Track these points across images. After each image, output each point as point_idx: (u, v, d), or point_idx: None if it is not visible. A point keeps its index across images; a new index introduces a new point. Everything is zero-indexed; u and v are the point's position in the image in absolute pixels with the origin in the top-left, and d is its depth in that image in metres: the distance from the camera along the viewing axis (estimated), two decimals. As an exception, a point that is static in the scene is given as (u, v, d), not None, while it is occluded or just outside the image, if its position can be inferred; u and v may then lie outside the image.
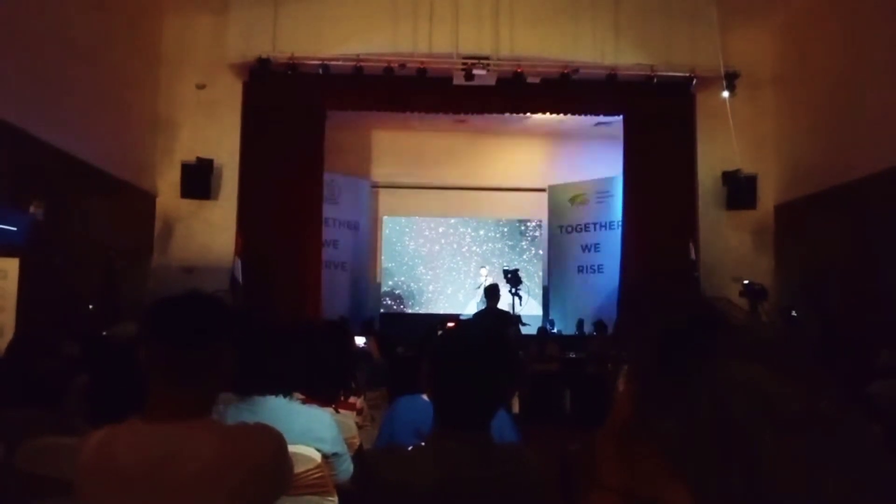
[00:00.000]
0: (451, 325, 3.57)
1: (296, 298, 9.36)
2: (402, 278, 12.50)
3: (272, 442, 1.53)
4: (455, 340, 1.66)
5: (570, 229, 12.30)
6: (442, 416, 1.53)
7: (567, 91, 9.44)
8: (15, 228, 5.93)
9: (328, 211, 10.62)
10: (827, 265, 8.07)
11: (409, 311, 12.31)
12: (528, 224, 12.76)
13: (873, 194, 7.27)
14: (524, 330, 8.59)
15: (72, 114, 7.15)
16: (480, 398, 1.52)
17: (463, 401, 1.51)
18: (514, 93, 9.42)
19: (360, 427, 2.89)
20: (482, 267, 12.30)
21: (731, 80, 9.06)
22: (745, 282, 8.73)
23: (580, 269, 12.04)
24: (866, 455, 0.51)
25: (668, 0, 9.25)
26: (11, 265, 5.98)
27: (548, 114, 10.12)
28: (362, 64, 8.95)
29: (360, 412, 3.24)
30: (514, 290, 8.70)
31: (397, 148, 12.52)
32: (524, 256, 12.56)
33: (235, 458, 1.43)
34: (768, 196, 9.46)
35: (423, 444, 1.55)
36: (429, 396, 1.59)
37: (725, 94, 9.11)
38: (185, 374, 1.47)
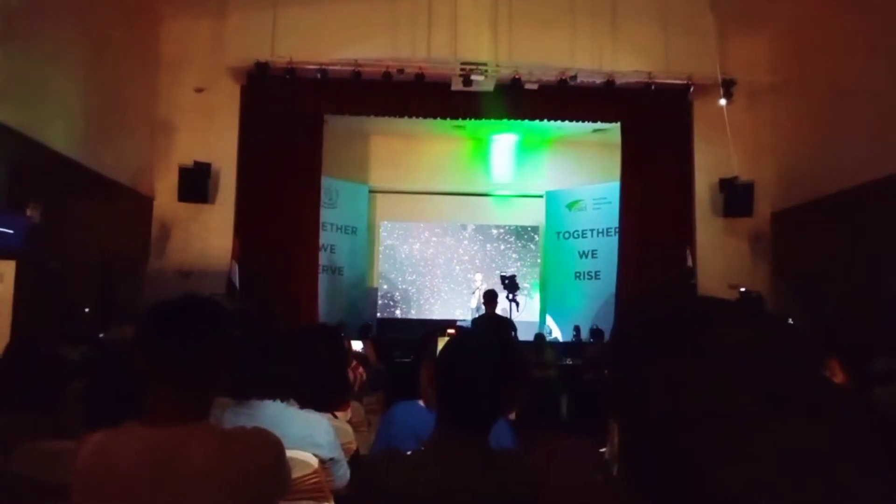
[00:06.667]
0: (451, 331, 3.56)
1: (292, 303, 9.35)
2: (400, 283, 12.49)
3: (270, 446, 1.53)
4: (461, 345, 1.66)
5: (567, 235, 12.31)
6: (445, 421, 1.53)
7: (565, 98, 9.45)
8: (12, 231, 5.91)
9: (326, 215, 10.62)
10: (824, 273, 8.09)
11: (407, 316, 12.30)
12: (526, 230, 12.77)
13: (870, 202, 7.29)
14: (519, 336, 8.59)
15: (70, 116, 7.14)
16: (484, 404, 1.53)
17: (467, 406, 1.52)
18: (512, 99, 9.43)
19: (355, 429, 2.88)
20: (476, 272, 12.30)
21: (728, 87, 9.08)
22: (742, 289, 8.76)
23: (577, 276, 12.04)
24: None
25: (666, 8, 9.28)
26: (8, 268, 5.96)
27: (545, 120, 10.14)
28: (361, 69, 8.96)
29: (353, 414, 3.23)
30: (511, 296, 8.72)
31: (395, 153, 12.52)
32: (521, 262, 12.57)
33: (233, 462, 1.43)
34: (765, 203, 9.48)
35: (422, 448, 1.56)
36: (430, 400, 1.59)
37: (722, 101, 9.13)
38: (182, 378, 1.46)
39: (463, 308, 12.00)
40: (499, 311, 8.13)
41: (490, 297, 7.83)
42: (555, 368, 8.95)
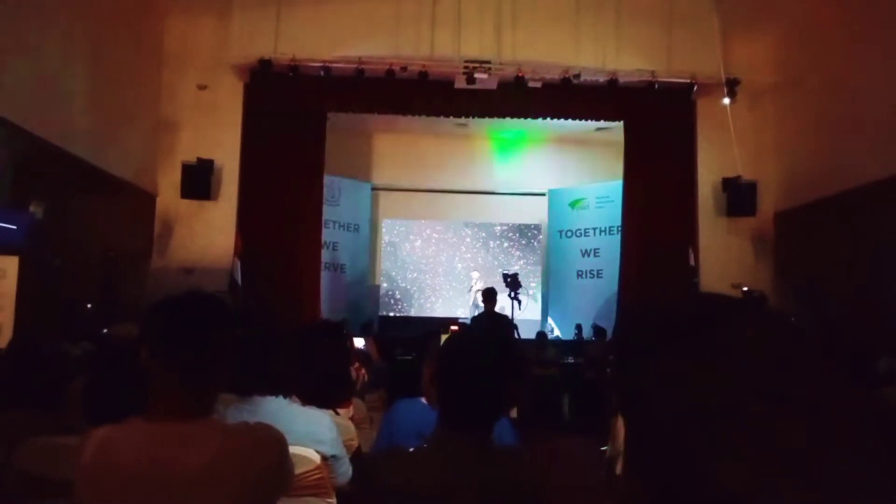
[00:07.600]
0: (454, 328, 3.57)
1: (294, 300, 9.36)
2: (401, 281, 12.49)
3: (274, 442, 1.53)
4: (462, 343, 1.66)
5: (569, 234, 12.31)
6: (446, 418, 1.54)
7: (568, 96, 9.43)
8: (15, 227, 5.92)
9: (328, 213, 10.63)
10: (826, 273, 8.07)
11: (408, 313, 12.30)
12: (528, 228, 12.76)
13: (873, 203, 7.27)
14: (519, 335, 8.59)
15: (73, 113, 7.15)
16: (486, 401, 1.53)
17: (469, 403, 1.52)
18: (515, 97, 9.42)
19: (357, 426, 2.89)
20: (474, 271, 12.29)
21: (731, 86, 9.07)
22: (745, 289, 8.75)
23: (579, 274, 12.03)
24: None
25: (670, 6, 9.26)
26: (11, 264, 5.96)
27: (549, 118, 10.13)
28: (364, 66, 8.96)
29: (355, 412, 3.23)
30: (513, 294, 8.70)
31: (398, 151, 12.53)
32: (524, 261, 12.55)
33: (237, 457, 1.43)
34: (768, 203, 9.47)
35: (424, 445, 1.56)
36: (433, 398, 1.60)
37: (726, 100, 9.12)
38: (186, 374, 1.47)
39: (464, 306, 12.00)
40: (499, 309, 8.12)
41: (489, 296, 7.82)
42: (556, 367, 8.96)
